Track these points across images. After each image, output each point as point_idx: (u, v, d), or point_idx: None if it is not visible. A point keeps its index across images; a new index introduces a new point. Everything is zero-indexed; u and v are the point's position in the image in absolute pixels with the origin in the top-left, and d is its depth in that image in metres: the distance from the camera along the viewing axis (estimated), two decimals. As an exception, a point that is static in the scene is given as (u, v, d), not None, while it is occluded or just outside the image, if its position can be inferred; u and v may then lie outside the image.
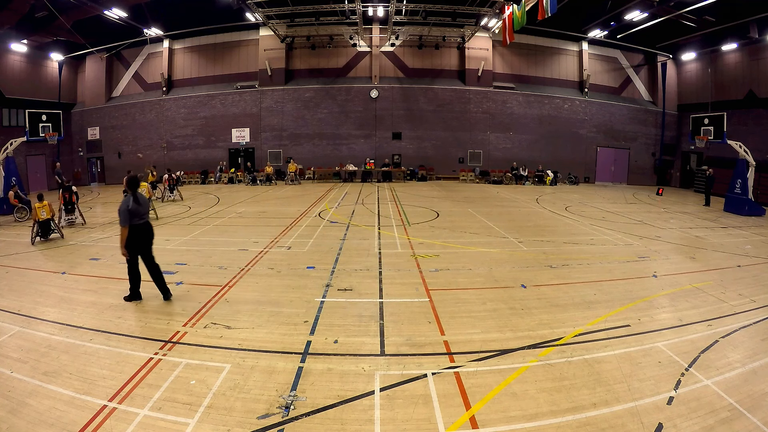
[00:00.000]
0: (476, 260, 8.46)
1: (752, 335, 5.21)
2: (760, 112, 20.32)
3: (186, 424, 3.46)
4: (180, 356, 4.57)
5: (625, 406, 3.74)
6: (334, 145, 25.77)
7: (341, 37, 24.27)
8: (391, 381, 4.13)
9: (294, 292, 6.59)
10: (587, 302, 6.25)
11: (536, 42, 25.93)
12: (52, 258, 8.78)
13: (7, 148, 15.08)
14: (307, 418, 3.58)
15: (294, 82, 25.82)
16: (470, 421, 3.55)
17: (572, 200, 17.99)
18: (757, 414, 3.63)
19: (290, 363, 4.46)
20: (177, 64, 26.19)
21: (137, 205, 5.84)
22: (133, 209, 5.78)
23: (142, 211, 5.93)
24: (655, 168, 26.65)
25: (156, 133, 25.86)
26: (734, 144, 15.65)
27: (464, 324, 5.46)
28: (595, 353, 4.68)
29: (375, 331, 5.23)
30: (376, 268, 7.92)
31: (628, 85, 27.13)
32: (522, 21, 14.97)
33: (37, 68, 23.62)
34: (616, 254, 9.10)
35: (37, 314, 5.68)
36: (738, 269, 8.12)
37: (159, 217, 13.05)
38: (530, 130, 25.98)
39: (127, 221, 5.75)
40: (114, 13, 19.61)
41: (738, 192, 15.55)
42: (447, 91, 25.76)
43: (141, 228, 5.90)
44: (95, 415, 3.55)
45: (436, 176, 25.85)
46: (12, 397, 3.81)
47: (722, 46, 21.97)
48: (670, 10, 19.29)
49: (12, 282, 7.07)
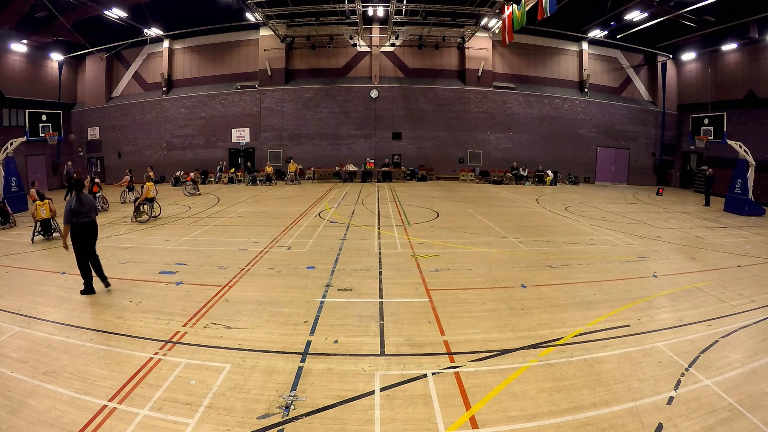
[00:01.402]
0: (476, 260, 8.46)
1: (752, 335, 5.21)
2: (760, 112, 20.32)
3: (186, 424, 3.46)
4: (180, 356, 4.57)
5: (625, 406, 3.74)
6: (334, 145, 25.77)
7: (341, 37, 24.27)
8: (391, 381, 4.13)
9: (294, 292, 6.59)
10: (587, 302, 6.25)
11: (536, 42, 25.94)
12: (52, 258, 8.78)
13: (7, 148, 15.08)
14: (307, 418, 3.58)
15: (294, 82, 25.82)
16: (470, 421, 3.54)
17: (572, 200, 17.99)
18: (757, 414, 3.63)
19: (290, 363, 4.46)
20: (177, 64, 26.19)
21: (80, 205, 6.28)
22: (75, 209, 6.23)
23: (84, 210, 6.33)
24: (655, 168, 26.65)
25: (156, 133, 25.87)
26: (734, 144, 15.65)
27: (464, 324, 5.46)
28: (595, 353, 4.68)
29: (375, 331, 5.23)
30: (376, 268, 7.91)
31: (628, 85, 27.13)
32: (522, 21, 14.97)
33: (37, 68, 23.61)
34: (616, 254, 9.10)
35: (37, 314, 5.68)
36: (738, 269, 8.12)
37: (159, 216, 13.05)
38: (530, 130, 25.98)
39: (70, 220, 6.22)
40: (114, 13, 19.61)
41: (738, 192, 15.54)
42: (447, 91, 25.76)
43: (84, 226, 6.32)
44: (95, 415, 3.55)
45: (436, 176, 25.85)
46: (12, 397, 3.81)
47: (722, 46, 21.96)
48: (670, 10, 19.29)
49: (12, 282, 7.06)
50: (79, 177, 6.52)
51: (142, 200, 12.78)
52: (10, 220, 12.27)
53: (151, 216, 12.90)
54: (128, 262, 8.23)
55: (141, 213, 12.82)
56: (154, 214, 13.06)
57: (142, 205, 12.85)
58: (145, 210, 12.91)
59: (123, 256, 8.68)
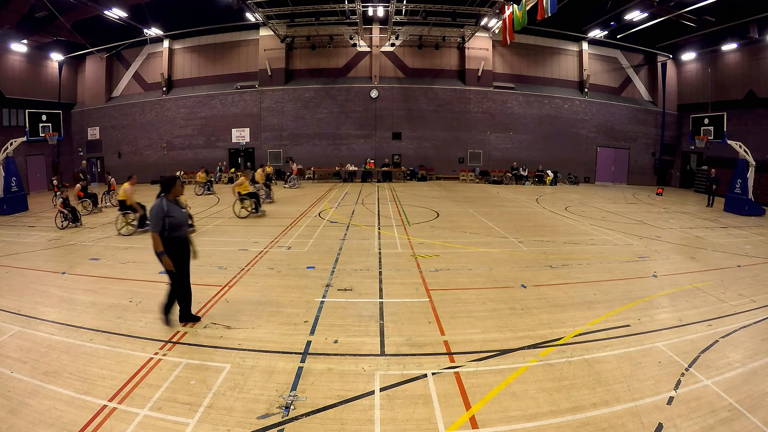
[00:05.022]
0: (476, 260, 8.46)
1: (752, 335, 5.21)
2: (760, 112, 20.31)
3: (186, 424, 3.46)
4: (180, 356, 4.57)
5: (625, 406, 3.74)
6: (334, 145, 25.76)
7: (341, 37, 24.27)
8: (391, 381, 4.13)
9: (294, 292, 6.59)
10: (587, 302, 6.25)
11: (536, 42, 25.93)
12: (52, 258, 8.78)
13: (7, 148, 15.09)
14: (307, 418, 3.58)
15: (294, 82, 25.81)
16: (470, 421, 3.54)
17: (572, 200, 17.98)
18: (757, 414, 3.63)
19: (290, 363, 4.46)
20: (177, 64, 26.18)
21: (176, 212, 5.15)
22: (171, 215, 5.08)
23: (182, 219, 5.24)
24: (655, 168, 26.65)
25: (156, 133, 25.86)
26: (734, 144, 15.65)
27: (464, 324, 5.46)
28: (595, 353, 4.68)
29: (375, 331, 5.23)
30: (376, 268, 7.91)
31: (628, 85, 27.13)
32: (522, 21, 14.96)
33: (37, 68, 23.61)
34: (616, 254, 9.10)
35: (37, 314, 5.67)
36: (738, 269, 8.11)
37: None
38: (530, 130, 25.97)
39: (163, 229, 5.05)
40: (114, 13, 19.59)
41: (738, 192, 15.53)
42: (447, 91, 25.75)
43: (181, 241, 5.22)
44: (95, 415, 3.54)
45: (436, 176, 25.85)
46: (12, 397, 3.80)
47: (722, 46, 21.95)
48: (670, 10, 19.28)
49: (12, 282, 7.07)
50: (172, 175, 5.56)
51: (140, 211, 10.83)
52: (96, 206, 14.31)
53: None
54: (128, 262, 8.23)
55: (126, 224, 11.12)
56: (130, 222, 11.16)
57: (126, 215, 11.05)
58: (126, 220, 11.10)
59: (123, 256, 8.68)
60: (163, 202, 5.09)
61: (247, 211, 13.21)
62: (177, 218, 5.13)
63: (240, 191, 13.17)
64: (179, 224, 5.16)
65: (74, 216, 11.95)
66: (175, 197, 5.24)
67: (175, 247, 5.12)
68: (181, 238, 5.22)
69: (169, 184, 5.21)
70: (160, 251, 4.99)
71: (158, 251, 5.00)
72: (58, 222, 11.77)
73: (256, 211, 13.28)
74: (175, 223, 5.10)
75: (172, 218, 5.07)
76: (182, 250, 5.22)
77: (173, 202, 5.19)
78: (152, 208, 5.09)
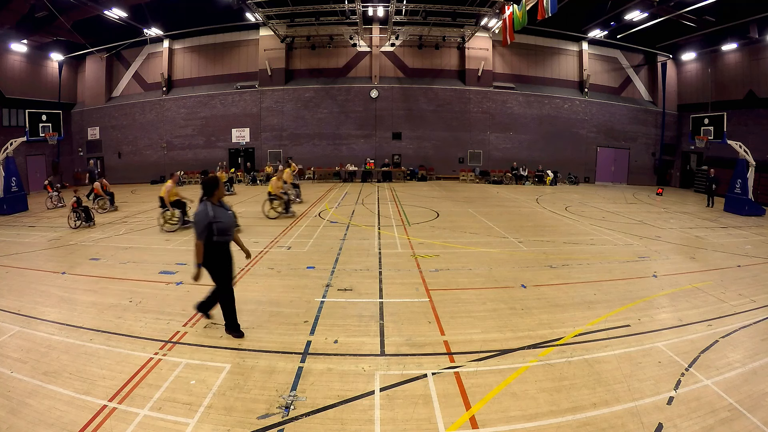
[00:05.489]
0: (476, 260, 8.46)
1: (752, 335, 5.21)
2: (760, 112, 20.31)
3: (186, 424, 3.46)
4: (180, 356, 4.57)
5: (625, 406, 3.74)
6: (334, 145, 25.76)
7: (341, 37, 24.27)
8: (391, 381, 4.13)
9: (294, 292, 6.59)
10: (587, 302, 6.25)
11: (536, 42, 25.93)
12: (52, 258, 8.78)
13: (7, 148, 15.09)
14: (307, 418, 3.58)
15: (294, 82, 25.82)
16: (470, 421, 3.54)
17: (572, 200, 17.98)
18: (757, 414, 3.63)
19: (290, 363, 4.46)
20: (177, 64, 26.19)
21: (223, 216, 4.80)
22: (218, 221, 4.72)
23: (230, 223, 4.92)
24: (655, 168, 26.65)
25: (156, 133, 25.86)
26: (734, 144, 15.65)
27: (464, 324, 5.46)
28: (595, 353, 4.68)
29: (375, 331, 5.23)
30: (376, 268, 7.91)
31: (628, 85, 27.13)
32: (522, 21, 14.96)
33: (37, 68, 23.61)
34: (616, 254, 9.10)
35: (37, 314, 5.67)
36: (738, 269, 8.11)
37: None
38: (530, 130, 25.98)
39: (211, 235, 4.71)
40: (114, 13, 19.60)
41: (738, 192, 15.53)
42: (447, 91, 25.76)
43: (227, 246, 4.93)
44: (95, 415, 3.55)
45: (436, 176, 25.85)
46: (12, 397, 3.81)
47: (722, 46, 21.95)
48: (670, 10, 19.29)
49: (12, 282, 7.06)
50: (213, 176, 5.26)
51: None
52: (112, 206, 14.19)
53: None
54: (128, 262, 8.23)
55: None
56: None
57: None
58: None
59: (123, 256, 8.68)
60: (208, 206, 4.69)
61: (276, 212, 12.89)
62: (224, 222, 4.75)
63: (270, 191, 12.82)
64: (227, 228, 4.80)
65: (87, 215, 11.95)
66: (219, 199, 4.86)
67: (224, 252, 4.83)
68: (229, 242, 4.91)
69: (212, 186, 4.79)
70: (200, 263, 4.71)
71: (199, 263, 4.71)
72: (71, 222, 11.80)
73: (286, 212, 13.02)
74: (223, 228, 4.73)
75: (220, 223, 4.68)
76: (230, 254, 4.95)
77: (218, 205, 4.81)
78: (196, 213, 4.71)
